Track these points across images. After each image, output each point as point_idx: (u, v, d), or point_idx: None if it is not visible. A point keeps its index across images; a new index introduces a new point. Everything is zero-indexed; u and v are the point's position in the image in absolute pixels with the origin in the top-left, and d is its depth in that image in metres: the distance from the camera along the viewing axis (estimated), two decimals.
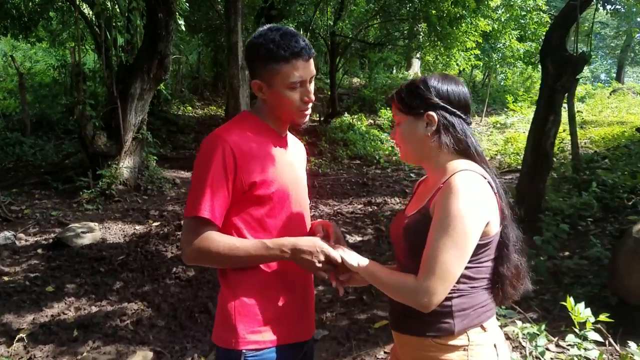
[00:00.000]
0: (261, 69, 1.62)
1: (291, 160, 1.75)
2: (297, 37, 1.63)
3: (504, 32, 16.41)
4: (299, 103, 1.66)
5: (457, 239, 1.39)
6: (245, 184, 1.59)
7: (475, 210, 1.41)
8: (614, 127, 12.29)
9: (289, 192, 1.68)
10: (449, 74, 1.65)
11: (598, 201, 5.42)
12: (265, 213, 1.64)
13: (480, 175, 1.48)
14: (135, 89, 7.57)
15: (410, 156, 1.64)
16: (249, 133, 1.65)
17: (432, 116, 1.55)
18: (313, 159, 10.95)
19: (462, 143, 1.55)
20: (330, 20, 13.36)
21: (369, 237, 6.21)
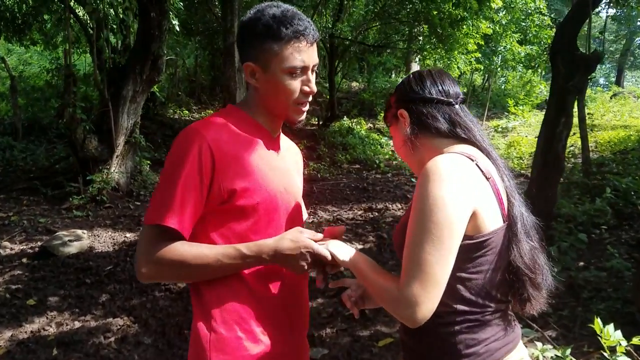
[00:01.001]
0: (257, 48, 1.35)
1: (283, 165, 1.49)
2: (301, 15, 1.38)
3: (504, 35, 16.25)
4: (298, 94, 1.39)
5: (433, 231, 1.13)
6: (224, 191, 1.32)
7: (453, 193, 1.15)
8: (618, 130, 12.06)
9: (278, 203, 1.41)
10: (431, 68, 1.46)
11: (611, 207, 5.16)
12: (249, 227, 1.37)
13: (465, 157, 1.23)
14: (127, 91, 7.30)
15: (410, 163, 1.44)
16: (232, 130, 1.38)
17: (401, 112, 1.38)
18: (312, 164, 10.71)
19: (440, 131, 1.33)
20: (329, 23, 13.12)
21: (370, 245, 5.94)
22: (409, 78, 1.41)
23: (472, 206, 1.19)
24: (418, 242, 1.15)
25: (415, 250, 1.15)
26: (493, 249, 1.22)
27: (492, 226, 1.22)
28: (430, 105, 1.36)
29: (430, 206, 1.14)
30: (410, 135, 1.36)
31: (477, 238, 1.20)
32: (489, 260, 1.23)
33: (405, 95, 1.39)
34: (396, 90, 1.43)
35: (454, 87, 1.40)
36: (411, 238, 1.17)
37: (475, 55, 14.79)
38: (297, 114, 1.43)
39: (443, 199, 1.14)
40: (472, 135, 1.34)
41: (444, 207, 1.14)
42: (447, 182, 1.16)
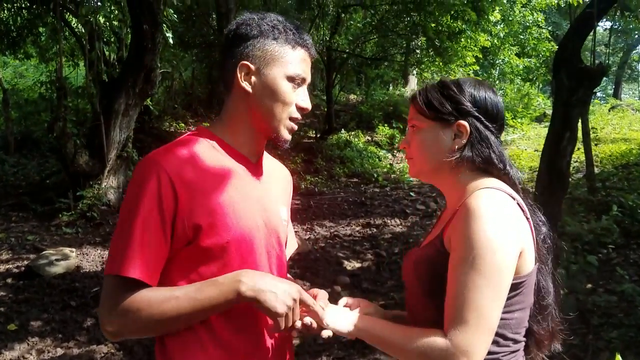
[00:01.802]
0: (258, 48, 1.21)
1: (264, 194, 1.29)
2: (303, 30, 1.27)
3: (502, 47, 16.22)
4: (292, 108, 1.24)
5: (489, 275, 1.08)
6: (188, 229, 1.13)
7: (506, 235, 1.10)
8: (619, 144, 11.94)
9: (254, 241, 1.22)
10: (483, 80, 1.30)
11: (617, 225, 4.99)
12: (220, 271, 1.17)
13: (508, 195, 1.17)
14: (119, 105, 7.13)
15: (425, 170, 1.31)
16: (198, 157, 1.20)
17: (464, 126, 1.23)
18: (309, 177, 10.56)
19: (491, 162, 1.24)
20: (326, 36, 13.04)
21: (369, 264, 5.75)
22: (466, 84, 1.27)
23: (520, 247, 1.13)
24: (471, 287, 1.07)
25: (469, 295, 1.07)
26: (526, 289, 1.18)
27: (529, 267, 1.17)
28: (487, 129, 1.24)
29: (484, 248, 1.08)
30: (464, 154, 1.23)
31: (516, 279, 1.14)
32: (519, 301, 1.17)
33: (465, 105, 1.24)
34: (450, 91, 1.26)
35: (502, 110, 1.28)
36: (461, 281, 1.09)
37: (474, 68, 14.73)
38: (289, 131, 1.27)
39: (497, 240, 1.09)
40: (508, 170, 1.24)
41: (498, 249, 1.09)
42: (499, 222, 1.10)
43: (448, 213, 1.27)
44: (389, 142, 13.74)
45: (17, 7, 11.70)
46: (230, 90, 1.27)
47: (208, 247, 1.15)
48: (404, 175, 11.10)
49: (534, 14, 16.06)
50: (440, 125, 1.25)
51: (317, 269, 5.46)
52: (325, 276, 5.22)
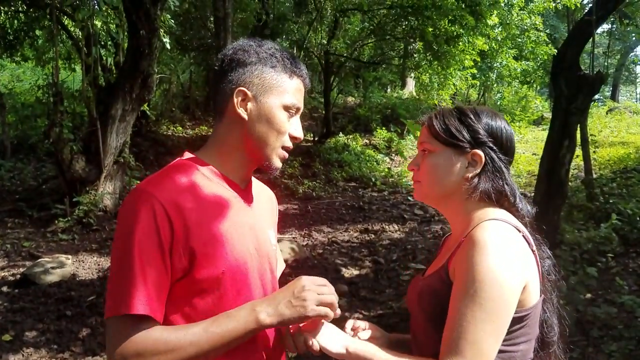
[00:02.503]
0: (254, 75, 1.20)
1: (253, 220, 1.27)
2: (299, 60, 1.28)
3: (500, 51, 16.23)
4: (286, 137, 1.24)
5: (490, 309, 1.07)
6: (184, 259, 1.11)
7: (511, 268, 1.09)
8: (616, 147, 11.93)
9: (247, 269, 1.20)
10: (497, 111, 1.30)
11: (616, 233, 4.96)
12: (214, 302, 1.15)
13: (514, 227, 1.16)
14: (116, 110, 7.09)
15: (432, 196, 1.30)
16: (190, 185, 1.18)
17: (479, 156, 1.22)
18: (307, 181, 10.52)
19: (503, 193, 1.24)
20: (324, 39, 13.02)
21: (367, 271, 5.73)
22: (483, 114, 1.26)
23: (524, 281, 1.12)
24: (470, 319, 1.06)
25: (468, 328, 1.06)
26: (531, 321, 1.16)
27: (534, 300, 1.16)
28: (501, 161, 1.23)
29: (487, 281, 1.07)
30: (478, 184, 1.22)
31: (519, 312, 1.13)
32: (524, 333, 1.16)
33: (482, 135, 1.23)
34: (468, 119, 1.24)
35: (514, 143, 1.28)
36: (461, 314, 1.08)
37: (472, 71, 14.73)
38: (280, 159, 1.26)
39: (500, 274, 1.07)
40: (518, 203, 1.23)
41: (502, 282, 1.07)
42: (503, 256, 1.09)
43: (453, 242, 1.26)
44: (387, 146, 13.71)
45: (14, 10, 11.67)
46: (222, 115, 1.25)
47: (203, 278, 1.13)
48: (402, 179, 11.08)
49: (531, 17, 16.07)
50: (454, 152, 1.24)
51: (315, 276, 5.42)
52: None
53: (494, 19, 11.82)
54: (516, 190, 1.24)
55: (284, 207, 8.81)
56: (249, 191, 1.31)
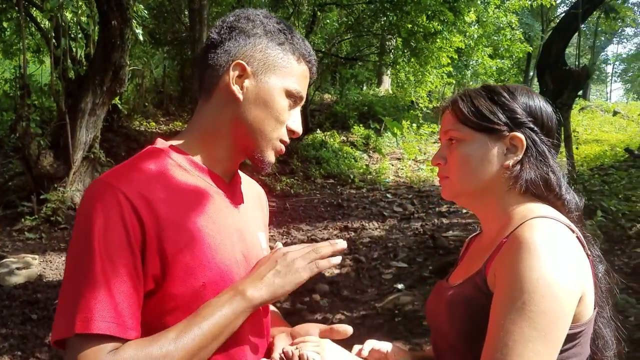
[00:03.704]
0: (258, 49, 1.01)
1: (241, 221, 1.07)
2: (309, 44, 1.09)
3: (476, 49, 16.30)
4: (284, 129, 1.05)
5: (543, 325, 0.87)
6: (156, 268, 0.90)
7: (567, 277, 0.90)
8: (591, 145, 12.07)
9: (233, 279, 0.99)
10: (531, 89, 1.11)
11: (600, 231, 4.93)
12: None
13: (566, 226, 0.97)
14: (86, 104, 6.80)
15: (467, 192, 1.09)
16: (164, 177, 0.97)
17: (520, 139, 1.04)
18: (285, 178, 10.36)
19: (548, 183, 1.04)
20: (302, 34, 12.84)
21: (348, 270, 5.59)
22: (517, 91, 1.08)
23: (580, 291, 0.93)
24: (518, 338, 0.87)
25: (514, 348, 0.87)
26: (584, 339, 0.97)
27: (589, 313, 0.96)
28: (544, 144, 1.05)
29: (539, 292, 0.88)
30: (521, 173, 1.04)
31: (574, 328, 0.94)
32: (576, 353, 0.97)
33: (520, 115, 1.05)
34: (502, 97, 1.06)
35: (557, 123, 1.10)
36: (507, 330, 0.88)
37: (448, 69, 14.74)
38: (275, 153, 1.07)
39: (555, 282, 0.88)
40: (565, 195, 1.05)
41: (557, 293, 0.88)
42: (558, 260, 0.89)
43: (486, 243, 1.07)
44: (365, 143, 13.64)
45: None
46: (211, 93, 1.04)
47: (179, 292, 0.92)
48: (379, 176, 11.00)
49: (507, 15, 16.19)
50: (489, 137, 1.05)
51: None
52: (303, 284, 5.02)
53: (472, 15, 11.82)
54: (562, 179, 1.06)
55: None
56: (235, 187, 1.11)
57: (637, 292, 3.75)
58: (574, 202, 1.06)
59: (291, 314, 4.39)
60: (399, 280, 5.05)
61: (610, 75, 44.10)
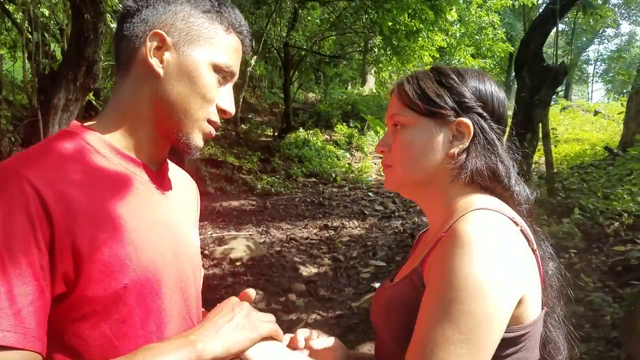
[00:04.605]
0: (179, 17, 0.89)
1: (171, 215, 0.96)
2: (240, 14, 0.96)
3: (458, 48, 16.34)
4: (213, 108, 0.92)
5: (469, 327, 0.78)
6: (68, 268, 0.79)
7: (502, 274, 0.80)
8: (571, 144, 12.14)
9: (161, 279, 0.89)
10: (483, 71, 1.01)
11: (577, 229, 4.90)
12: (114, 330, 0.83)
13: (509, 219, 0.88)
14: (59, 99, 6.59)
15: (410, 182, 1.00)
16: (78, 164, 0.86)
17: (467, 125, 0.95)
18: (266, 177, 10.26)
19: (496, 173, 0.95)
20: (284, 31, 12.74)
21: (326, 269, 5.51)
22: (467, 74, 0.98)
23: (520, 292, 0.83)
24: (440, 340, 0.78)
25: (435, 351, 0.78)
26: (530, 343, 0.88)
27: (534, 315, 0.87)
28: (493, 131, 0.96)
29: (467, 290, 0.78)
30: (468, 162, 0.95)
31: (516, 331, 0.85)
32: (521, 358, 0.87)
33: (468, 99, 0.96)
34: (450, 80, 0.97)
35: (507, 109, 1.01)
36: (430, 331, 0.80)
37: None
38: (204, 136, 0.94)
39: (486, 281, 0.78)
40: (514, 186, 0.96)
41: (487, 293, 0.78)
42: (493, 257, 0.80)
43: (431, 238, 0.99)
44: (348, 142, 13.60)
45: None
46: (128, 68, 0.92)
47: (96, 296, 0.81)
48: (362, 174, 10.95)
49: (489, 14, 16.25)
50: (435, 122, 0.96)
51: (272, 275, 5.18)
52: (279, 283, 4.95)
53: (453, 14, 11.82)
54: (512, 169, 0.97)
55: (241, 203, 8.53)
56: (163, 176, 0.99)
57: (614, 291, 3.72)
58: (524, 194, 0.98)
59: None
60: (376, 279, 4.99)
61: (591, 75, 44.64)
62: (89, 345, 0.82)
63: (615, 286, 3.88)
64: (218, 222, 7.20)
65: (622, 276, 3.98)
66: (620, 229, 4.96)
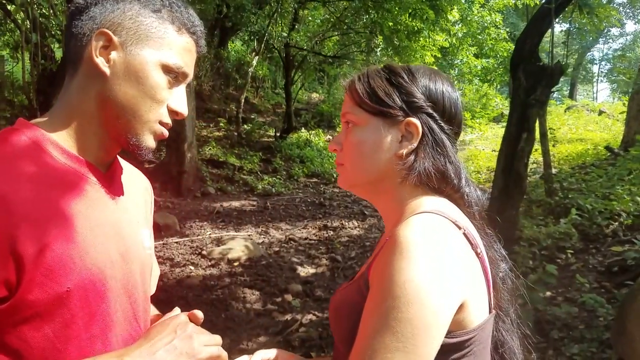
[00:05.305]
0: (127, 16, 0.88)
1: (119, 216, 0.94)
2: (194, 14, 0.93)
3: (461, 48, 16.30)
4: (163, 109, 0.91)
5: (406, 334, 0.76)
6: (9, 273, 0.77)
7: (439, 279, 0.78)
8: (575, 144, 12.07)
9: (106, 283, 0.87)
10: (438, 70, 0.99)
11: (575, 229, 4.87)
12: (56, 333, 0.82)
13: (452, 222, 0.86)
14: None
15: (360, 182, 0.99)
16: (22, 163, 0.83)
17: (415, 125, 0.93)
18: (267, 177, 10.26)
19: (445, 174, 0.93)
20: (285, 32, 12.75)
21: (324, 269, 5.50)
22: (419, 73, 0.96)
23: (460, 298, 0.81)
24: (378, 347, 0.77)
25: (373, 358, 0.77)
26: (477, 347, 0.85)
27: (479, 319, 0.85)
28: (443, 132, 0.94)
29: (404, 296, 0.76)
30: (415, 162, 0.93)
31: (459, 336, 0.83)
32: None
33: (417, 99, 0.94)
34: (400, 79, 0.95)
35: (460, 110, 0.99)
36: (369, 339, 0.78)
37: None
38: (154, 137, 0.93)
39: (422, 287, 0.77)
40: (464, 188, 0.94)
41: (423, 299, 0.76)
42: (430, 262, 0.78)
43: (382, 241, 0.97)
44: None
45: None
46: (76, 67, 0.90)
47: (38, 299, 0.79)
48: None
49: (492, 14, 16.20)
50: (384, 122, 0.95)
51: (269, 276, 5.18)
52: (276, 284, 4.94)
53: (455, 14, 11.80)
54: (462, 171, 0.95)
55: (241, 203, 8.54)
56: (113, 176, 0.97)
57: (610, 292, 3.70)
58: (475, 196, 0.96)
59: (261, 314, 4.30)
60: None
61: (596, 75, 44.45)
62: (31, 348, 0.80)
63: (611, 287, 3.85)
64: (218, 223, 7.21)
65: (618, 277, 3.96)
66: (619, 229, 4.93)
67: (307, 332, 3.96)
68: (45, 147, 0.87)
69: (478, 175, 10.27)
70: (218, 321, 4.10)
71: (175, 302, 4.37)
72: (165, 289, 4.67)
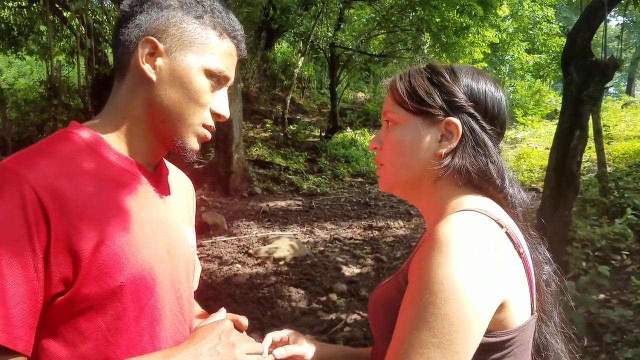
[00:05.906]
0: (171, 23, 0.91)
1: (167, 215, 0.98)
2: (234, 18, 0.96)
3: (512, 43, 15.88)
4: (207, 112, 0.94)
5: (443, 331, 0.76)
6: (65, 269, 0.81)
7: (479, 277, 0.78)
8: (632, 141, 11.54)
9: (155, 278, 0.91)
10: (483, 70, 1.00)
11: (631, 229, 4.67)
12: (108, 325, 0.86)
13: (494, 221, 0.85)
14: None
15: (400, 182, 0.98)
16: (76, 164, 0.88)
17: (455, 125, 0.92)
18: (312, 177, 10.31)
19: (487, 175, 0.92)
20: (330, 32, 12.77)
21: (368, 269, 5.49)
22: (461, 72, 0.96)
23: (501, 297, 0.80)
24: (415, 343, 0.77)
25: (410, 354, 0.77)
26: (518, 349, 0.84)
27: (520, 319, 0.83)
28: (484, 132, 0.94)
29: (441, 293, 0.76)
30: (453, 162, 0.92)
31: (499, 336, 0.82)
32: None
33: (459, 98, 0.94)
34: (442, 78, 0.95)
35: (504, 110, 0.98)
36: (407, 334, 0.78)
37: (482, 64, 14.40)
38: (198, 139, 0.96)
39: (461, 284, 0.76)
40: (507, 188, 0.93)
41: (462, 296, 0.76)
42: (473, 261, 0.78)
43: (423, 239, 0.97)
44: None
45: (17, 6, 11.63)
46: (124, 73, 0.94)
47: (92, 293, 0.83)
48: None
49: (543, 9, 15.69)
50: (424, 121, 0.94)
51: (314, 275, 5.21)
52: (321, 283, 4.97)
53: (504, 9, 11.50)
54: (505, 171, 0.94)
55: (287, 203, 8.62)
56: (160, 177, 1.01)
57: None
58: (519, 197, 0.94)
59: (306, 313, 4.33)
60: None
61: None
62: (85, 338, 0.84)
63: None
64: (264, 222, 7.31)
65: None
66: None
67: (351, 331, 3.96)
68: (98, 148, 0.92)
69: (531, 174, 9.99)
70: (264, 319, 4.16)
71: (223, 299, 4.47)
72: (213, 287, 4.78)
